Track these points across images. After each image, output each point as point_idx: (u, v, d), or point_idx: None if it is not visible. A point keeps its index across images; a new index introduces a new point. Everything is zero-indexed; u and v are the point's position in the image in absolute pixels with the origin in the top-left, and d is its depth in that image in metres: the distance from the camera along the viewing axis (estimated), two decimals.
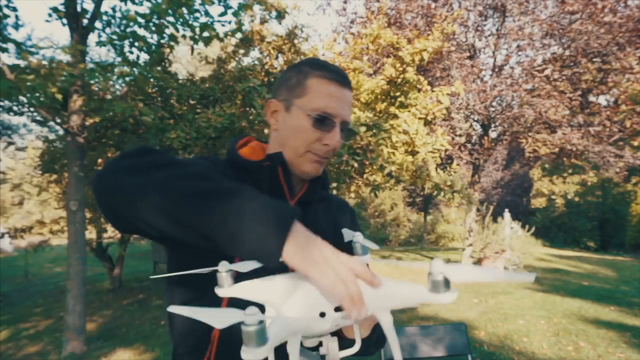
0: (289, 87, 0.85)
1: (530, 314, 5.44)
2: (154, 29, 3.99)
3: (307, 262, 0.52)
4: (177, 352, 0.83)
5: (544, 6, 7.97)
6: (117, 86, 5.30)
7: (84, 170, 4.50)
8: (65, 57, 4.21)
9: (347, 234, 0.67)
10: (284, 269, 0.57)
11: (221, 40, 4.41)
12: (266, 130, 5.46)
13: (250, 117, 4.55)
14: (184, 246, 0.63)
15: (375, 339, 0.80)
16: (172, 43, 4.42)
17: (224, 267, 0.54)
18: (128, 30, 3.91)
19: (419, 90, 5.31)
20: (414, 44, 4.63)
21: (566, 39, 7.65)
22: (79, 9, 4.23)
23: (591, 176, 17.50)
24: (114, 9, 4.43)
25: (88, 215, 6.61)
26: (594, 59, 7.66)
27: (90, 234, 7.44)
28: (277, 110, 0.87)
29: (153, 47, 4.20)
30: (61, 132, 6.62)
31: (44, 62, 3.67)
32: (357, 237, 0.64)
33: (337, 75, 0.84)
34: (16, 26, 4.28)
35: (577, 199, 19.92)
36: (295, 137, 0.83)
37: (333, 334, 0.60)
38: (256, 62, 5.54)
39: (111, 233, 7.98)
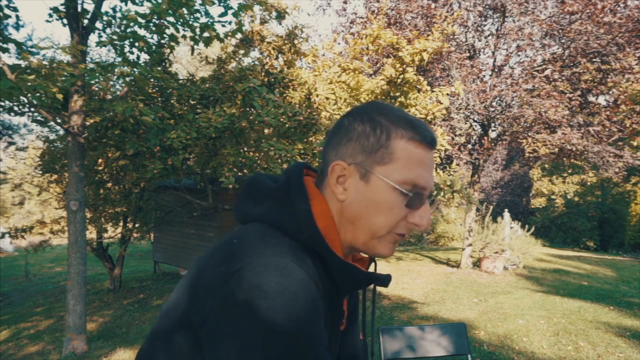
0: (364, 149, 0.67)
1: (530, 314, 5.45)
2: (154, 29, 4.00)
3: None
4: None
5: (543, 6, 7.98)
6: (118, 86, 5.31)
7: (84, 170, 4.51)
8: (66, 57, 4.23)
9: None
10: None
11: (221, 40, 4.42)
12: (266, 130, 5.47)
13: (250, 117, 4.56)
14: None
15: None
16: (172, 43, 4.43)
17: None
18: (128, 30, 3.92)
19: (419, 90, 5.32)
20: (414, 44, 4.63)
21: (566, 39, 7.66)
22: (79, 9, 4.25)
23: (591, 176, 17.52)
24: (114, 9, 4.44)
25: (88, 215, 6.62)
26: (594, 59, 7.67)
27: (91, 233, 7.46)
28: (346, 176, 0.68)
29: (153, 47, 4.21)
30: (62, 132, 6.63)
31: (45, 63, 3.68)
32: None
33: (429, 135, 0.68)
34: (17, 26, 4.30)
35: (576, 198, 19.94)
36: (377, 214, 0.66)
37: None
38: (256, 63, 5.55)
39: (111, 233, 7.99)
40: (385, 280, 0.70)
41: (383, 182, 0.65)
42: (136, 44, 4.04)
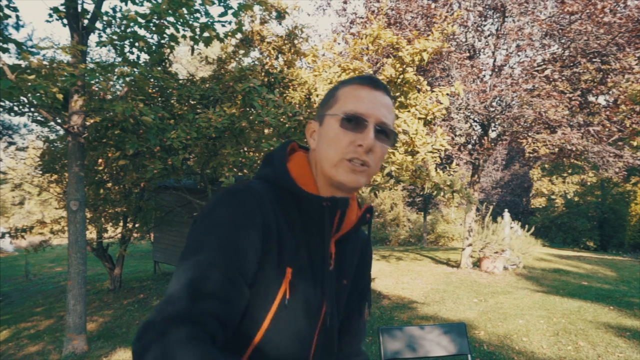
0: (322, 105, 0.84)
1: (530, 314, 5.45)
2: (154, 29, 4.00)
3: None
4: None
5: (543, 6, 7.98)
6: (118, 86, 5.31)
7: (84, 170, 4.51)
8: (66, 57, 4.23)
9: None
10: None
11: (221, 40, 4.42)
12: (266, 130, 5.47)
13: (251, 117, 4.56)
14: None
15: None
16: (172, 43, 4.43)
17: None
18: (128, 30, 3.92)
19: (419, 90, 5.32)
20: (414, 44, 4.63)
21: (566, 39, 7.65)
22: (79, 9, 4.25)
23: (591, 176, 17.52)
24: (114, 10, 4.44)
25: (88, 215, 6.62)
26: (594, 59, 7.67)
27: (91, 233, 7.46)
28: (315, 130, 0.85)
29: (153, 47, 4.21)
30: (62, 132, 6.63)
31: (45, 63, 3.68)
32: None
33: (368, 80, 0.81)
34: (17, 26, 4.30)
35: (576, 198, 19.94)
36: (329, 146, 0.79)
37: None
38: (256, 63, 5.55)
39: (111, 233, 7.99)
40: (344, 201, 0.79)
41: (330, 119, 0.80)
42: (136, 44, 4.04)
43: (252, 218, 0.70)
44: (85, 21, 4.32)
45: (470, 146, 9.67)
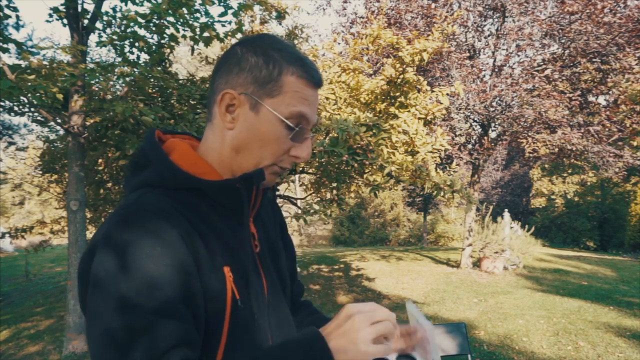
0: (256, 80, 0.69)
1: (530, 314, 5.46)
2: (154, 29, 4.00)
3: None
4: None
5: (543, 6, 7.98)
6: (118, 86, 5.31)
7: (84, 170, 4.51)
8: (66, 57, 4.23)
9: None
10: None
11: (221, 40, 4.42)
12: None
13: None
14: None
15: None
16: (172, 43, 4.43)
17: None
18: (128, 30, 3.92)
19: (419, 90, 5.32)
20: (414, 44, 4.63)
21: (566, 39, 7.66)
22: (79, 9, 4.25)
23: (591, 176, 17.52)
24: (114, 10, 4.44)
25: (88, 215, 6.62)
26: (594, 59, 7.67)
27: (91, 233, 7.45)
28: (236, 105, 0.69)
29: (153, 47, 4.21)
30: (62, 132, 6.63)
31: (45, 63, 3.68)
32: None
33: (317, 76, 0.72)
34: (17, 26, 4.30)
35: (576, 198, 19.94)
36: (263, 145, 0.69)
37: None
38: None
39: None
40: (259, 173, 0.70)
41: (271, 115, 0.68)
42: (136, 44, 4.04)
43: (171, 242, 0.60)
44: (85, 21, 4.32)
45: (470, 146, 9.67)
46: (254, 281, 0.72)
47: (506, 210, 10.25)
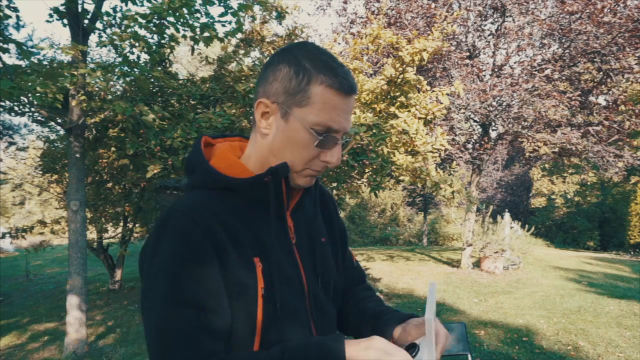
0: (286, 90, 0.72)
1: (530, 314, 5.46)
2: (154, 29, 4.00)
3: None
4: None
5: (543, 6, 7.98)
6: (118, 86, 5.31)
7: (84, 170, 4.51)
8: (66, 58, 4.23)
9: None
10: None
11: (221, 40, 4.42)
12: None
13: (251, 117, 4.55)
14: None
15: None
16: (172, 43, 4.43)
17: None
18: (128, 30, 3.92)
19: (419, 90, 5.32)
20: (414, 44, 4.63)
21: (566, 39, 7.65)
22: (79, 9, 4.25)
23: (591, 176, 17.51)
24: (114, 10, 4.44)
25: (89, 215, 6.62)
26: (594, 59, 7.67)
27: (91, 233, 7.46)
28: (269, 113, 0.75)
29: (153, 47, 4.21)
30: (62, 132, 6.63)
31: (45, 63, 3.68)
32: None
33: (347, 84, 0.72)
34: (17, 27, 4.29)
35: (577, 198, 19.93)
36: (293, 151, 0.74)
37: None
38: (257, 63, 5.55)
39: (112, 233, 7.99)
40: (283, 167, 0.74)
41: (299, 123, 0.72)
42: (136, 44, 4.04)
43: (194, 239, 0.68)
44: (86, 21, 4.32)
45: (470, 146, 9.67)
46: (290, 271, 0.77)
47: (506, 210, 10.25)
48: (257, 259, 0.72)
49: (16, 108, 5.14)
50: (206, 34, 4.25)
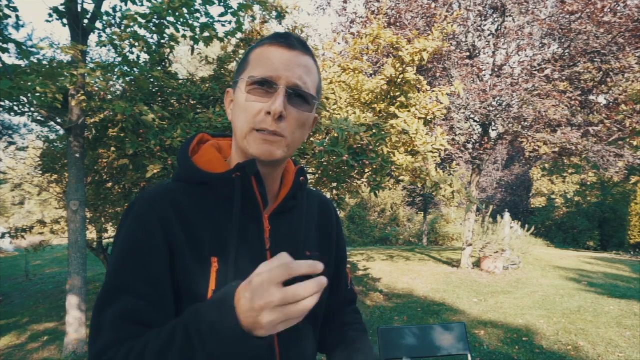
0: (237, 69, 0.76)
1: (530, 314, 5.45)
2: (154, 29, 3.99)
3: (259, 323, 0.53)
4: None
5: (543, 6, 7.98)
6: (118, 86, 5.31)
7: (84, 170, 4.51)
8: (66, 58, 4.22)
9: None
10: None
11: (221, 40, 4.41)
12: None
13: None
14: None
15: None
16: (172, 43, 4.42)
17: None
18: (128, 30, 3.92)
19: (419, 90, 5.31)
20: (414, 44, 4.63)
21: (566, 38, 7.65)
22: (79, 9, 4.25)
23: (591, 176, 17.51)
24: (114, 9, 4.44)
25: (88, 215, 6.61)
26: (594, 59, 7.67)
27: (91, 233, 7.45)
28: (232, 100, 0.78)
29: (153, 47, 4.21)
30: (61, 132, 6.63)
31: (45, 63, 3.67)
32: None
33: (281, 38, 0.72)
34: (17, 26, 4.28)
35: (577, 198, 19.93)
36: (239, 116, 0.72)
37: None
38: None
39: (112, 233, 7.98)
40: (250, 163, 0.71)
41: (240, 85, 0.72)
42: (136, 44, 4.04)
43: (147, 226, 0.68)
44: (85, 21, 4.32)
45: (470, 146, 9.67)
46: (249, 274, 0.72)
47: (506, 210, 10.25)
48: (215, 258, 0.69)
49: (16, 108, 5.14)
50: (206, 34, 4.24)
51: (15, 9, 3.94)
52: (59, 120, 4.65)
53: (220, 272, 0.69)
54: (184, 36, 4.31)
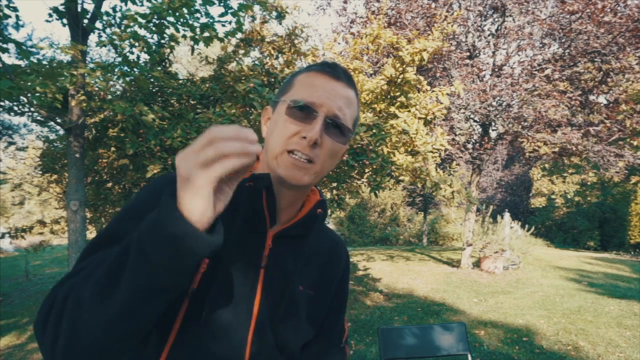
0: (279, 91, 0.78)
1: (530, 314, 5.45)
2: (154, 29, 3.99)
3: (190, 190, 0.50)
4: None
5: (543, 6, 7.98)
6: (118, 86, 5.31)
7: (84, 170, 4.51)
8: (66, 57, 4.22)
9: None
10: None
11: (221, 40, 4.41)
12: None
13: (251, 117, 4.55)
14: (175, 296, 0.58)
15: None
16: (172, 43, 4.42)
17: None
18: (128, 30, 3.92)
19: (419, 90, 5.31)
20: (414, 44, 4.63)
21: (566, 38, 7.65)
22: (79, 9, 4.24)
23: (591, 176, 17.51)
24: (114, 9, 4.44)
25: (88, 215, 6.61)
26: (594, 59, 7.66)
27: (91, 233, 7.45)
28: (269, 117, 0.79)
29: (153, 47, 4.21)
30: (61, 132, 6.62)
31: (45, 62, 3.67)
32: None
33: (328, 68, 0.74)
34: (17, 26, 4.28)
35: (577, 198, 19.93)
36: (274, 134, 0.72)
37: None
38: (257, 63, 5.55)
39: None
40: (264, 178, 0.71)
41: (281, 105, 0.73)
42: (136, 44, 4.04)
43: (158, 193, 0.64)
44: (85, 21, 4.31)
45: (470, 146, 9.67)
46: (239, 289, 0.71)
47: (506, 210, 10.25)
48: (206, 259, 0.67)
49: (15, 108, 5.14)
50: (206, 34, 4.24)
51: (15, 9, 3.94)
52: (58, 120, 4.65)
53: (205, 275, 0.67)
54: (184, 36, 4.31)
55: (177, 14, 3.88)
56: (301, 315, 0.78)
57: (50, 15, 4.33)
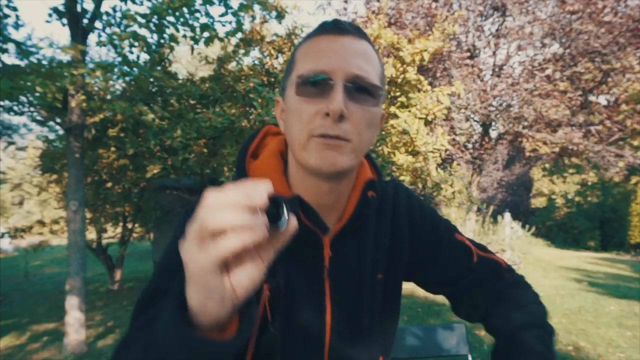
0: (285, 73, 0.65)
1: None
2: (154, 29, 3.99)
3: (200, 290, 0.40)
4: None
5: (544, 6, 7.98)
6: (117, 86, 5.31)
7: (84, 170, 4.50)
8: (66, 57, 4.22)
9: None
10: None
11: (221, 40, 4.41)
12: None
13: (251, 117, 4.55)
14: None
15: None
16: (172, 43, 4.41)
17: None
18: (128, 30, 3.91)
19: (420, 90, 5.31)
20: (415, 44, 4.62)
21: (566, 38, 7.65)
22: (79, 9, 4.24)
23: (591, 176, 17.51)
24: (114, 9, 4.43)
25: (88, 215, 6.61)
26: (595, 59, 7.66)
27: (90, 234, 7.45)
28: (283, 109, 0.66)
29: (153, 47, 4.20)
30: (61, 132, 6.62)
31: (44, 62, 3.67)
32: None
33: (330, 25, 0.61)
34: (16, 26, 4.27)
35: (577, 198, 19.92)
36: (292, 124, 0.60)
37: None
38: (256, 63, 5.54)
39: (111, 233, 7.98)
40: (292, 202, 0.56)
41: (289, 89, 0.61)
42: (136, 43, 4.04)
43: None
44: (85, 21, 4.31)
45: (470, 146, 9.66)
46: (306, 306, 0.65)
47: (507, 210, 10.24)
48: (266, 285, 0.61)
49: (15, 108, 5.13)
50: (206, 34, 4.24)
51: (14, 9, 3.94)
52: (58, 120, 4.64)
53: (272, 300, 0.62)
54: (184, 36, 4.31)
55: (177, 13, 3.88)
56: (377, 302, 0.72)
57: (50, 15, 4.32)
